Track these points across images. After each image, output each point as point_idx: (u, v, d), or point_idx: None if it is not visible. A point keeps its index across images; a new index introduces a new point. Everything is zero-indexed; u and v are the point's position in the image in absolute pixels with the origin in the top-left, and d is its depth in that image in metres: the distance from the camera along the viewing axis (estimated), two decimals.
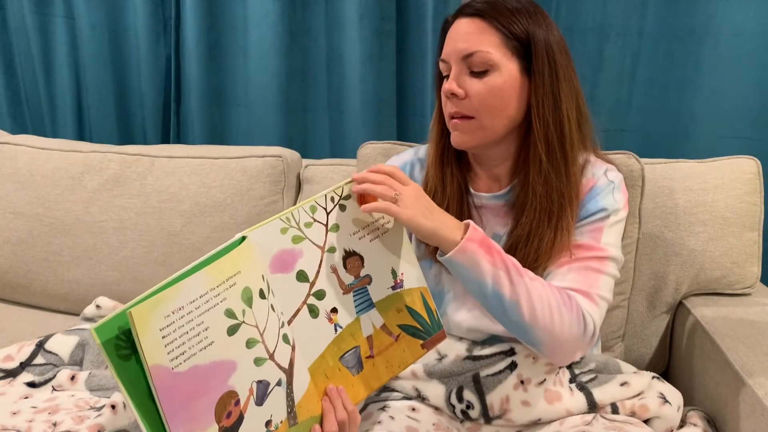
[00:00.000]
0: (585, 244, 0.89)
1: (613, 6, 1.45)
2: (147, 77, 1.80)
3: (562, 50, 0.88)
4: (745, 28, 1.38)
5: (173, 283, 0.60)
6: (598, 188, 0.91)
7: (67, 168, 1.46)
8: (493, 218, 0.96)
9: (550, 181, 0.87)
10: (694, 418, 0.98)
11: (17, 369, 1.17)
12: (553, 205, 0.88)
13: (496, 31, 0.86)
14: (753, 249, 1.20)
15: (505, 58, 0.86)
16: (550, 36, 0.87)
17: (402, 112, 1.67)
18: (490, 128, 0.88)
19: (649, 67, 1.46)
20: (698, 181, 1.19)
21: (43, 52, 1.84)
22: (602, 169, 0.94)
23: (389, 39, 1.58)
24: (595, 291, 0.87)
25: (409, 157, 1.06)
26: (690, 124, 1.46)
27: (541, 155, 0.87)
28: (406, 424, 0.87)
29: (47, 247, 1.46)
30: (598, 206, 0.90)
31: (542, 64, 0.86)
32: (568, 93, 0.88)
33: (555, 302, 0.82)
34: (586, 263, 0.88)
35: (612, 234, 0.90)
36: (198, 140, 1.78)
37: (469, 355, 0.93)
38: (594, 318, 0.86)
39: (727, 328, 1.06)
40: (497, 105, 0.87)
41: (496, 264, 0.80)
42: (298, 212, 0.75)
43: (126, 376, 0.57)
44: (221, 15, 1.70)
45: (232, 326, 0.63)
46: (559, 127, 0.87)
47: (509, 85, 0.86)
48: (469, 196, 0.97)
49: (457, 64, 0.88)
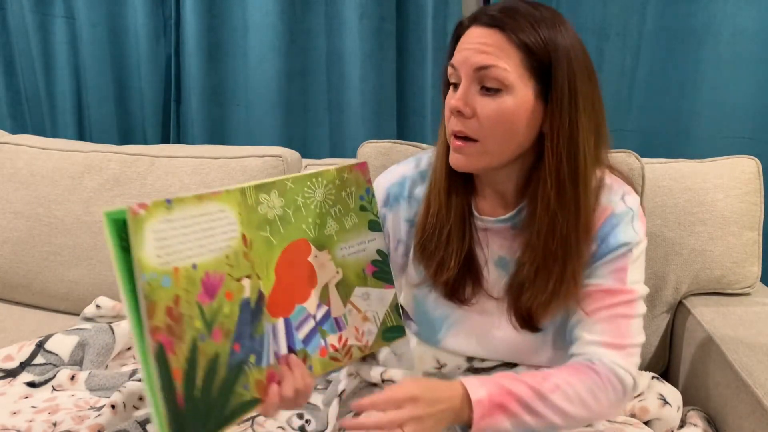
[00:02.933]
0: (612, 289, 0.81)
1: (613, 6, 1.45)
2: (147, 77, 1.80)
3: (584, 74, 0.77)
4: (746, 28, 1.38)
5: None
6: (616, 218, 0.83)
7: (67, 168, 1.46)
8: (498, 241, 0.88)
9: (557, 223, 0.79)
10: (694, 419, 0.98)
11: (17, 369, 1.17)
12: (559, 250, 0.79)
13: (516, 49, 0.75)
14: (753, 249, 1.20)
15: (521, 79, 0.75)
16: (573, 59, 0.76)
17: (402, 111, 1.67)
18: (495, 154, 0.79)
19: (649, 67, 1.46)
20: (698, 181, 1.19)
21: (43, 52, 1.84)
22: (619, 194, 0.84)
23: (389, 39, 1.58)
24: (627, 341, 0.81)
25: (409, 172, 0.94)
26: (690, 124, 1.46)
27: (549, 194, 0.78)
28: None
29: (47, 247, 1.46)
30: (618, 241, 0.82)
31: (561, 92, 0.76)
32: (586, 125, 0.77)
33: (585, 391, 0.78)
34: (615, 310, 0.81)
35: (636, 270, 0.83)
36: (198, 140, 1.78)
37: (469, 366, 0.91)
38: (630, 371, 0.80)
39: (727, 328, 1.06)
40: (506, 130, 0.77)
41: (515, 413, 0.76)
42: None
43: (123, 266, 0.59)
44: (221, 15, 1.70)
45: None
46: (573, 162, 0.77)
47: (522, 110, 0.76)
48: (473, 218, 0.88)
49: (468, 76, 0.77)
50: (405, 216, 0.91)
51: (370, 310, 0.80)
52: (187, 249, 0.63)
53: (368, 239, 0.81)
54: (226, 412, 0.65)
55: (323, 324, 0.76)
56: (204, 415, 0.63)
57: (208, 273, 0.64)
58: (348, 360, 0.78)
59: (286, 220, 0.74)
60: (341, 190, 0.79)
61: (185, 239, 0.63)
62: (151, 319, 0.59)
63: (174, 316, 0.60)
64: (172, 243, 0.61)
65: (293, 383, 0.71)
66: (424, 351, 0.94)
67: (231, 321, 0.66)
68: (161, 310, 0.59)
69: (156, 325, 0.59)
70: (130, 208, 0.58)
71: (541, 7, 0.77)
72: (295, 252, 0.75)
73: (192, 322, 0.62)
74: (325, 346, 0.76)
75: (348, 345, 0.78)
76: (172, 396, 0.60)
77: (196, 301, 0.63)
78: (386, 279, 0.81)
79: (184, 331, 0.61)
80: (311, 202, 0.76)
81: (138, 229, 0.59)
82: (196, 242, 0.64)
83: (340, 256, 0.78)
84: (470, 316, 0.89)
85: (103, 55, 1.81)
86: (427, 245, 0.87)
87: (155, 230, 0.60)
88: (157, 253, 0.60)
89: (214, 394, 0.64)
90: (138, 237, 0.58)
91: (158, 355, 0.59)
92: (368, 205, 0.81)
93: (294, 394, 0.71)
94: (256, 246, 0.71)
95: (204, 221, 0.65)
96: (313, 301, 0.76)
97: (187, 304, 0.62)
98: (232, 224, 0.68)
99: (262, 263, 0.71)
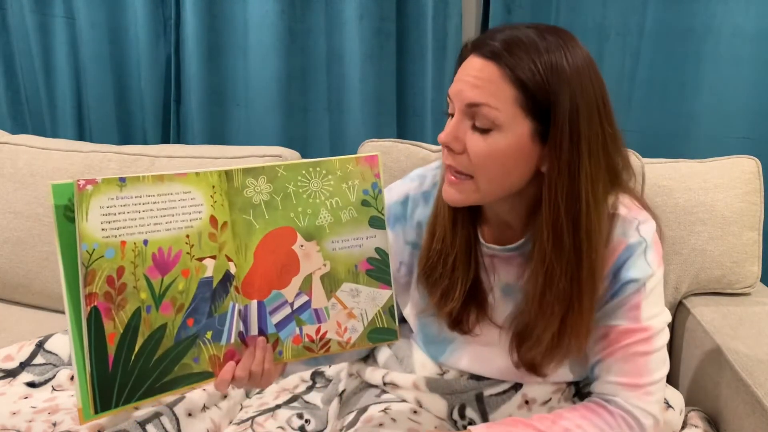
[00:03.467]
0: (625, 329, 0.78)
1: (613, 6, 1.45)
2: (147, 77, 1.80)
3: (592, 111, 0.70)
4: (745, 28, 1.38)
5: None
6: (629, 250, 0.78)
7: (67, 168, 1.46)
8: (505, 268, 0.84)
9: (554, 277, 0.74)
10: (694, 419, 0.98)
11: (17, 369, 1.17)
12: (556, 305, 0.75)
13: (511, 85, 0.69)
14: (753, 248, 1.20)
15: (515, 118, 0.70)
16: (579, 96, 0.69)
17: (402, 111, 1.67)
18: (488, 193, 0.75)
19: (649, 67, 1.46)
20: (698, 181, 1.19)
21: (43, 52, 1.84)
22: (634, 223, 0.78)
23: (389, 39, 1.58)
24: (645, 379, 0.78)
25: (412, 191, 0.90)
26: (690, 124, 1.46)
27: (545, 246, 0.73)
28: (407, 427, 0.87)
29: (47, 247, 1.46)
30: (629, 277, 0.77)
31: (561, 135, 0.69)
32: (590, 170, 0.71)
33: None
34: (632, 349, 0.78)
35: (651, 304, 0.78)
36: (198, 140, 1.78)
37: (473, 374, 0.91)
38: (649, 410, 0.78)
39: (727, 328, 1.06)
40: (497, 169, 0.72)
41: None
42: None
43: (65, 234, 0.64)
44: (221, 15, 1.70)
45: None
46: (573, 211, 0.71)
47: (513, 150, 0.71)
48: (479, 245, 0.84)
49: (461, 111, 0.73)
50: (407, 238, 0.90)
51: (358, 308, 0.78)
52: (139, 225, 0.67)
53: (366, 236, 0.78)
54: (166, 379, 0.70)
55: (301, 313, 0.76)
56: (137, 379, 0.68)
57: (161, 249, 0.68)
58: (323, 352, 0.78)
59: (273, 206, 0.75)
60: (342, 182, 0.77)
61: (137, 216, 0.67)
62: (89, 286, 0.65)
63: (115, 285, 0.66)
64: (121, 219, 0.66)
65: (249, 364, 0.73)
66: (427, 359, 0.94)
67: (186, 297, 0.70)
68: (101, 278, 0.66)
69: (93, 291, 0.65)
70: (77, 183, 0.64)
71: (548, 34, 0.71)
72: (279, 238, 0.75)
73: (137, 293, 0.67)
74: (300, 335, 0.76)
75: (326, 338, 0.77)
76: (103, 358, 0.66)
77: (144, 274, 0.68)
78: (382, 279, 0.79)
79: (126, 300, 0.67)
80: (304, 191, 0.76)
81: (83, 202, 0.64)
82: (150, 220, 0.68)
83: (330, 248, 0.77)
84: (474, 343, 0.89)
85: (103, 55, 1.80)
86: (431, 273, 0.84)
87: (103, 205, 0.65)
88: (102, 227, 0.65)
89: (154, 362, 0.69)
90: (82, 210, 0.64)
91: (91, 318, 0.65)
92: (372, 201, 0.78)
93: (247, 375, 0.73)
94: (237, 228, 0.73)
95: (163, 200, 0.69)
96: (293, 289, 0.76)
97: (132, 276, 0.67)
98: (197, 206, 0.71)
99: (240, 245, 0.73)
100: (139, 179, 0.68)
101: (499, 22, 1.50)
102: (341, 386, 1.03)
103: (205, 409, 1.02)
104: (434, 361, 0.93)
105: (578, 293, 0.74)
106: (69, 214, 0.65)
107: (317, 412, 1.06)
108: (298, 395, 1.11)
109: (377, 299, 0.79)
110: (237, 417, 1.06)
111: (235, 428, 1.02)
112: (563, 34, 0.72)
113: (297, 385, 1.15)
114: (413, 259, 0.90)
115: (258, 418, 1.03)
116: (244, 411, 1.07)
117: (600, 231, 0.74)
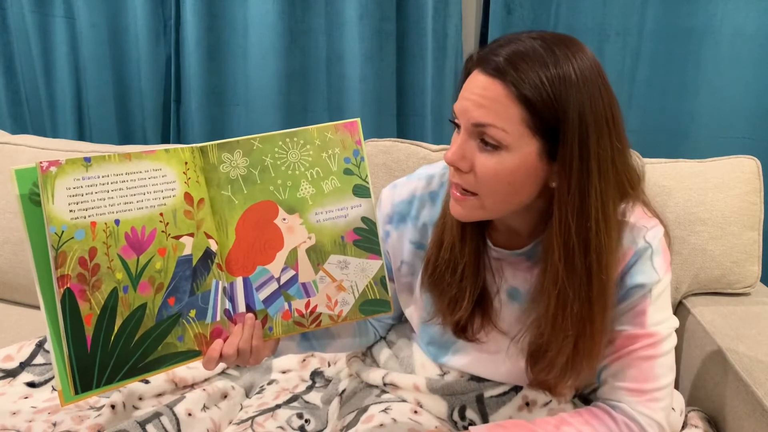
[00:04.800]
0: (631, 334, 0.78)
1: (613, 6, 1.45)
2: (147, 77, 1.80)
3: (601, 127, 0.68)
4: (746, 29, 1.38)
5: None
6: (635, 256, 0.78)
7: None
8: (512, 271, 0.84)
9: (567, 298, 0.73)
10: (694, 419, 0.98)
11: (17, 369, 1.17)
12: (570, 328, 0.74)
13: (518, 104, 0.67)
14: (753, 248, 1.20)
15: (522, 138, 0.68)
16: (588, 112, 0.67)
17: (402, 112, 1.67)
18: (494, 210, 0.74)
19: (649, 67, 1.46)
20: (698, 181, 1.19)
21: (43, 52, 1.84)
22: (642, 231, 0.78)
23: (389, 39, 1.58)
24: (650, 385, 0.78)
25: (418, 191, 0.89)
26: (690, 124, 1.46)
27: (557, 265, 0.72)
28: (408, 427, 0.87)
29: None
30: (634, 282, 0.77)
31: (571, 155, 0.68)
32: (600, 188, 0.69)
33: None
34: (638, 354, 0.78)
35: (658, 310, 0.78)
36: (198, 140, 1.78)
37: (473, 375, 0.91)
38: (654, 417, 0.78)
39: (727, 328, 1.06)
40: (505, 188, 0.71)
41: None
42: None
43: (32, 218, 0.65)
44: (221, 15, 1.70)
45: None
46: (584, 230, 0.71)
47: (521, 170, 0.70)
48: (488, 249, 0.84)
49: (467, 129, 0.71)
50: (410, 238, 0.90)
51: (348, 280, 0.76)
52: (109, 205, 0.67)
53: (351, 205, 0.76)
54: (150, 359, 0.69)
55: (288, 288, 0.76)
56: (118, 359, 0.68)
57: (134, 229, 0.68)
58: (314, 327, 0.77)
59: (251, 180, 0.74)
60: (322, 151, 0.75)
61: (106, 195, 0.67)
62: (60, 268, 0.64)
63: (88, 267, 0.66)
64: (89, 199, 0.66)
65: (236, 342, 0.72)
66: (427, 359, 0.94)
67: (164, 276, 0.69)
68: (72, 260, 0.65)
69: (66, 273, 0.64)
70: (40, 165, 0.63)
71: (555, 46, 0.68)
72: (259, 213, 0.74)
73: (112, 274, 0.67)
74: (289, 310, 0.76)
75: (317, 312, 0.76)
76: (81, 339, 0.65)
77: (117, 254, 0.67)
78: (371, 249, 0.76)
79: (100, 281, 0.66)
80: (282, 163, 0.74)
81: (47, 184, 0.64)
82: (120, 199, 0.67)
83: (314, 221, 0.75)
84: (479, 349, 0.89)
85: (103, 55, 1.80)
86: (439, 282, 0.84)
87: (69, 186, 0.65)
88: (69, 208, 0.65)
89: (135, 342, 0.68)
90: (47, 192, 0.64)
91: (65, 300, 0.65)
92: (355, 169, 0.76)
93: (234, 353, 0.72)
94: (216, 205, 0.72)
95: (132, 179, 0.68)
96: (278, 264, 0.75)
97: (105, 257, 0.66)
98: (170, 183, 0.70)
99: (221, 222, 0.73)
100: (105, 158, 0.67)
101: (499, 22, 1.50)
102: (341, 386, 1.03)
103: (205, 409, 1.02)
104: (435, 362, 0.94)
105: (590, 315, 0.74)
106: (35, 197, 0.65)
107: (317, 412, 1.06)
108: (298, 395, 1.11)
109: (367, 270, 0.77)
110: (237, 417, 1.06)
111: (235, 428, 1.02)
112: (569, 43, 0.70)
113: (297, 385, 1.15)
114: (416, 259, 0.90)
115: (258, 418, 1.03)
116: (244, 411, 1.07)
117: (610, 250, 0.72)
